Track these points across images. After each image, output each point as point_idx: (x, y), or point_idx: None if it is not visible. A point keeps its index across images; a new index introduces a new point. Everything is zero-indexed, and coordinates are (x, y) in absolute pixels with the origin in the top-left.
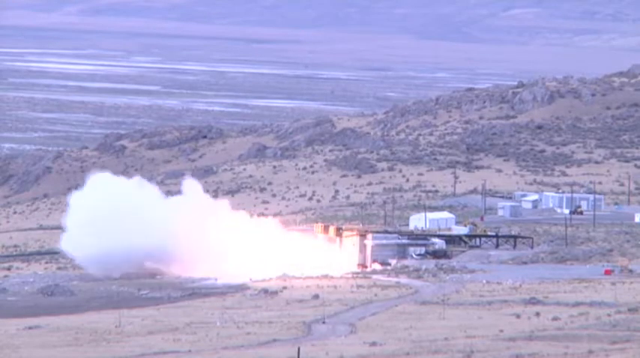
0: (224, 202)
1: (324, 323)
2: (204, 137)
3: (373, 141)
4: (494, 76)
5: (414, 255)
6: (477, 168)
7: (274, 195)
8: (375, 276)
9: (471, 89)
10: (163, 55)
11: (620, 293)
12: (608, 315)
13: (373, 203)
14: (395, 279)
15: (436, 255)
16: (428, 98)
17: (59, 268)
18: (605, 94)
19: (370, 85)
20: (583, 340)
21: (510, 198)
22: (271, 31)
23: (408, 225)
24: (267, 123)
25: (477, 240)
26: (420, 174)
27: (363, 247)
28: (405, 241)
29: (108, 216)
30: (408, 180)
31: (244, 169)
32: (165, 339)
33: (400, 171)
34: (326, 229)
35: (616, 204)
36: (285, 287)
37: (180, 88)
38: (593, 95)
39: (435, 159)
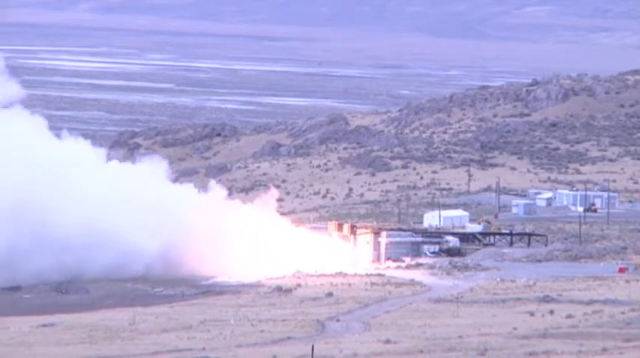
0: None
1: (338, 320)
2: (218, 135)
3: (387, 139)
4: (508, 74)
5: (427, 253)
6: (491, 165)
7: (288, 193)
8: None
9: (484, 87)
10: (177, 52)
11: (634, 291)
12: (622, 313)
13: (387, 201)
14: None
15: (450, 252)
16: (442, 96)
17: None
18: (619, 92)
19: (384, 82)
20: (597, 338)
21: (524, 195)
22: (285, 29)
23: (422, 222)
24: (281, 120)
25: (491, 237)
26: (434, 172)
27: (377, 245)
28: (419, 239)
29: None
30: (422, 178)
31: (258, 167)
32: (180, 337)
33: (414, 168)
34: (340, 227)
35: (630, 201)
36: (299, 285)
37: (193, 85)
38: (607, 93)
39: (449, 156)
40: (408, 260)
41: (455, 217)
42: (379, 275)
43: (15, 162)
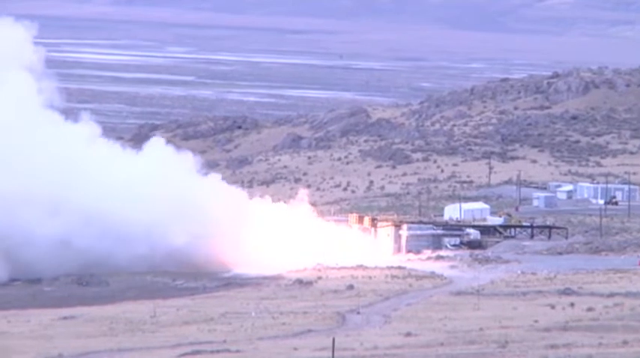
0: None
1: (358, 313)
2: (239, 127)
3: (408, 132)
4: (529, 67)
5: (448, 246)
6: (512, 158)
7: (309, 186)
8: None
9: (505, 79)
10: (197, 45)
11: None
12: None
13: (408, 193)
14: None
15: (471, 245)
16: (463, 88)
17: None
18: None
19: (405, 75)
20: (617, 330)
21: (545, 188)
22: (305, 21)
23: (442, 215)
24: (301, 113)
25: (512, 230)
26: (455, 165)
27: (397, 238)
28: (439, 232)
29: None
30: (442, 171)
31: (279, 160)
32: (201, 329)
33: (435, 161)
34: (361, 220)
35: None
36: (319, 278)
37: (214, 78)
38: (627, 86)
39: (470, 149)
40: (428, 252)
41: (475, 210)
42: (400, 267)
43: (48, 158)
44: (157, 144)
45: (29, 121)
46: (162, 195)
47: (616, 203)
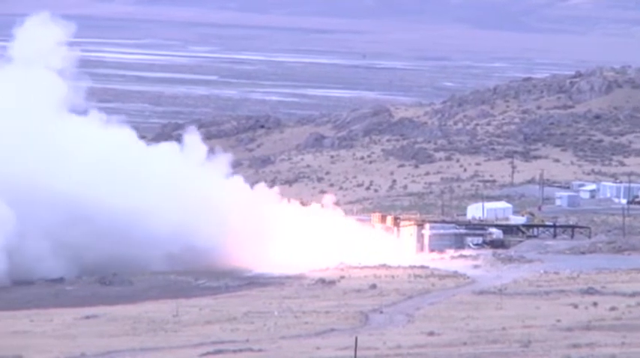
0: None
1: (381, 312)
2: (262, 127)
3: (431, 131)
4: (552, 66)
5: (471, 245)
6: (535, 157)
7: (332, 185)
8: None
9: (528, 79)
10: (221, 44)
11: None
12: None
13: (431, 193)
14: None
15: (493, 244)
16: (485, 88)
17: None
18: None
19: (427, 74)
20: None
21: (568, 187)
22: (329, 21)
23: (465, 214)
24: (324, 112)
25: (535, 229)
26: (478, 164)
27: (420, 237)
28: (462, 231)
29: None
30: (465, 170)
31: (302, 159)
32: (223, 329)
33: (458, 160)
34: (383, 219)
35: None
36: (342, 277)
37: (238, 77)
38: None
39: (493, 148)
40: (451, 252)
41: (498, 209)
42: (422, 267)
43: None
44: (192, 141)
45: (64, 122)
46: (193, 194)
47: (639, 202)
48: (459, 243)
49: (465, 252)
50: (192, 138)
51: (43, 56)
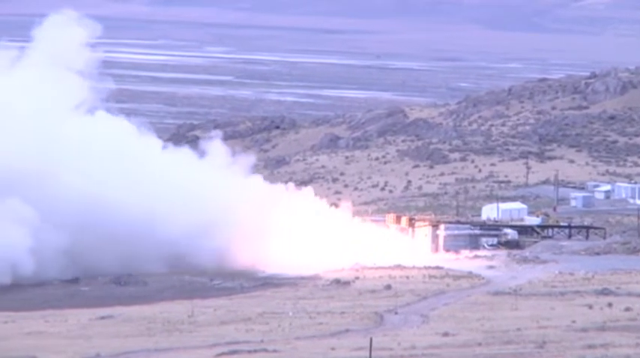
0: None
1: (396, 313)
2: (277, 127)
3: (445, 132)
4: (567, 67)
5: (486, 246)
6: (550, 158)
7: (347, 186)
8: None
9: (543, 80)
10: (236, 45)
11: None
12: None
13: (445, 193)
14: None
15: (508, 245)
16: (500, 88)
17: None
18: None
19: (442, 75)
20: None
21: (583, 188)
22: (343, 21)
23: (480, 215)
24: (339, 113)
25: (550, 230)
26: (493, 165)
27: (435, 237)
28: (477, 231)
29: None
30: (480, 171)
31: (317, 160)
32: (238, 329)
33: (472, 161)
34: (398, 219)
35: None
36: (357, 278)
37: (252, 78)
38: None
39: (508, 149)
40: (466, 252)
41: (513, 210)
42: (437, 267)
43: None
44: (214, 144)
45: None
46: (210, 196)
47: None
48: (473, 243)
49: (480, 252)
50: (214, 141)
51: (65, 57)
